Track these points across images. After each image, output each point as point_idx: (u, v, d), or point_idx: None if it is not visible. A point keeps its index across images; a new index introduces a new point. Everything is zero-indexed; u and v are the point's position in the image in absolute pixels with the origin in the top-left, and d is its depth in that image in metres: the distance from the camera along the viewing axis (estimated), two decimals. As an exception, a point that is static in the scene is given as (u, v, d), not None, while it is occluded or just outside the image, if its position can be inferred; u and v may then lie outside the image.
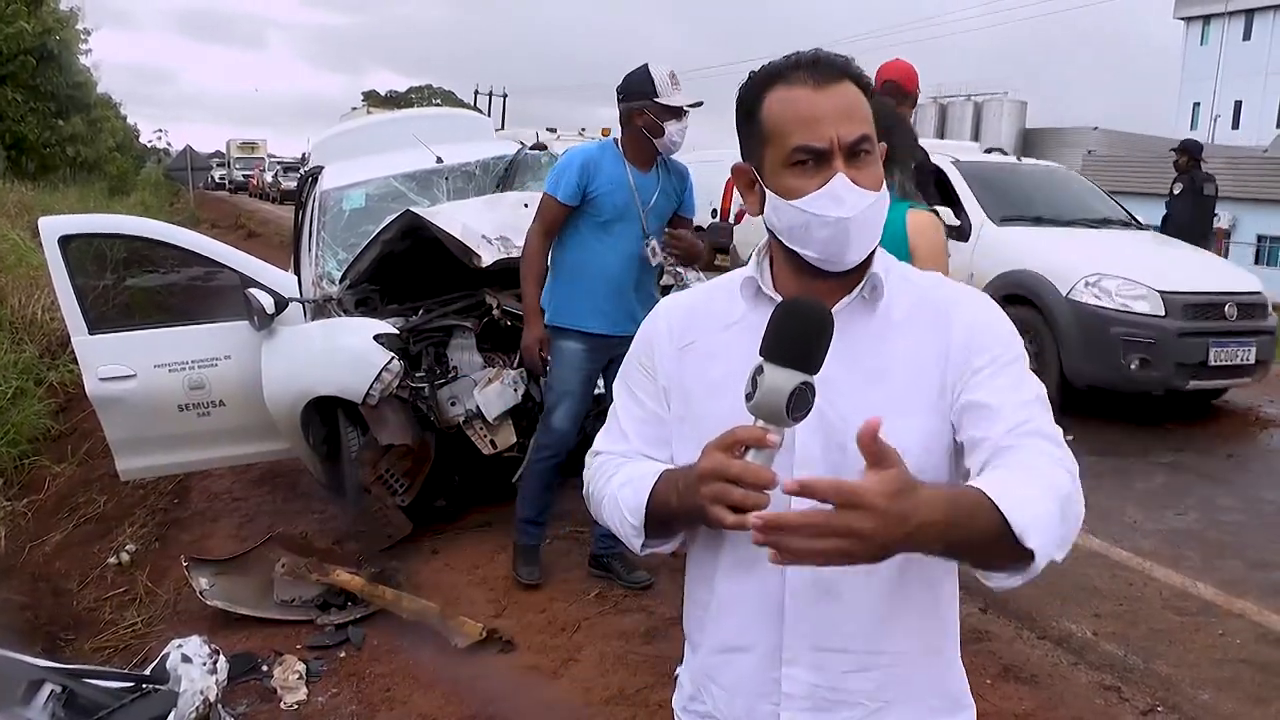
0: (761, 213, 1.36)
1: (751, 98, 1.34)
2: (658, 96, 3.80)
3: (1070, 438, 1.30)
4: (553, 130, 15.14)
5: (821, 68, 1.29)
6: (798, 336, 1.15)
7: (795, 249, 1.32)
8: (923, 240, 3.25)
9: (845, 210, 1.26)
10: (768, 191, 1.33)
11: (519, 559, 4.28)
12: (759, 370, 1.15)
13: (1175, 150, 9.95)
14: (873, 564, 1.10)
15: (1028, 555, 1.11)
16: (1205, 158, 10.03)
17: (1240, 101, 47.49)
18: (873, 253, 1.35)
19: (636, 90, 3.85)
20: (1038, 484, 1.16)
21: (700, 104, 3.93)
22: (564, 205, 3.89)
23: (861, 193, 1.27)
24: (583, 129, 15.56)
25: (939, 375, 1.31)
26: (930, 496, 1.07)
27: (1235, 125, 46.94)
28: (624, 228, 3.92)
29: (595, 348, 3.97)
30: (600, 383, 4.16)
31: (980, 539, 1.11)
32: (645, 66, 3.87)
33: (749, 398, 1.15)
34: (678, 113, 3.84)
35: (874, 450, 1.05)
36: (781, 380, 1.13)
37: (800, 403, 1.14)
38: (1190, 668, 3.53)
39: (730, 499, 1.15)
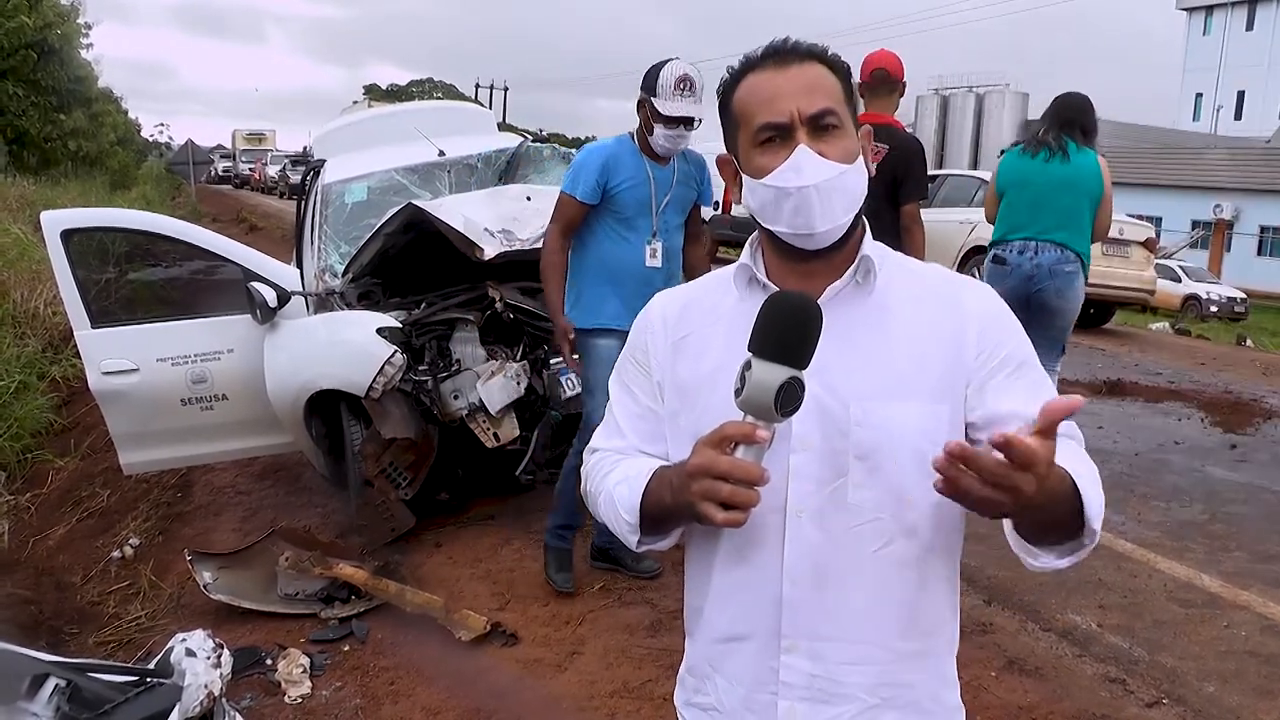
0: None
1: (727, 90, 1.37)
2: (655, 96, 3.67)
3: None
4: None
5: (785, 51, 1.33)
6: (785, 331, 1.15)
7: (770, 228, 1.33)
8: (1108, 181, 4.85)
9: (805, 179, 1.27)
10: (743, 175, 1.34)
11: (552, 563, 4.14)
12: (747, 366, 1.14)
13: None
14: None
15: (1079, 536, 1.19)
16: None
17: (1243, 92, 47.43)
18: (861, 236, 1.36)
19: (646, 83, 3.72)
20: (1094, 480, 1.20)
21: (696, 121, 3.75)
22: (583, 204, 3.79)
23: (824, 163, 1.27)
24: None
25: (948, 361, 1.32)
26: (1058, 472, 1.10)
27: (1238, 116, 46.90)
28: (647, 223, 3.85)
29: None
30: None
31: (1060, 514, 1.15)
32: (663, 63, 3.70)
33: (738, 393, 1.15)
34: (669, 120, 3.68)
35: (1052, 425, 1.04)
36: (769, 375, 1.12)
37: (789, 398, 1.13)
38: (1195, 660, 3.52)
39: (719, 495, 1.15)
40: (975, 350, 1.32)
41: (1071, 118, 4.91)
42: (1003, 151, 5.22)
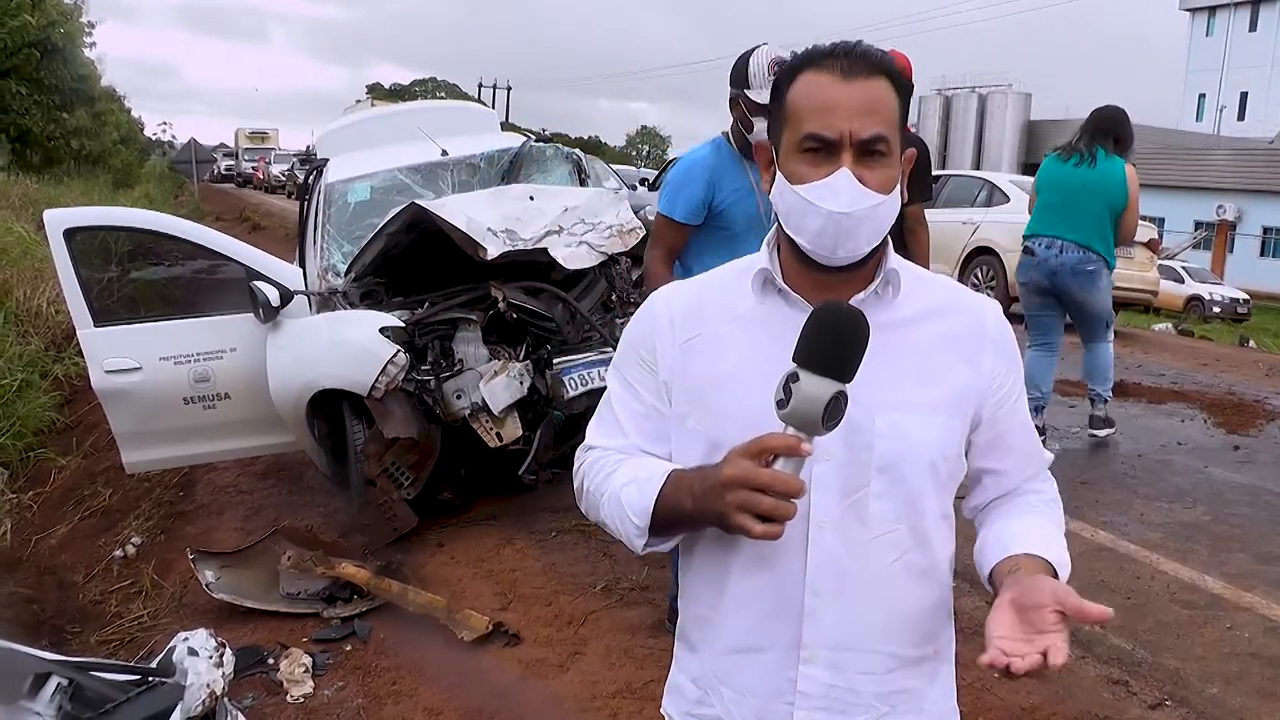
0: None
1: (785, 77, 1.32)
2: (749, 89, 3.19)
3: (1058, 448, 1.36)
4: None
5: (854, 59, 1.27)
6: (834, 343, 1.14)
7: (791, 235, 1.31)
8: (1134, 188, 5.32)
9: (840, 205, 1.24)
10: (778, 172, 1.32)
11: None
12: (793, 377, 1.12)
13: None
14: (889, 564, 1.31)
15: None
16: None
17: (1246, 93, 47.37)
18: (883, 250, 1.34)
19: (735, 77, 3.25)
20: (1061, 542, 1.39)
21: None
22: (685, 226, 3.34)
23: (862, 191, 1.24)
24: None
25: (966, 378, 1.34)
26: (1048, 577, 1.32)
27: (1241, 116, 46.84)
28: (758, 238, 3.42)
29: None
30: None
31: None
32: (752, 50, 3.25)
33: (781, 404, 1.13)
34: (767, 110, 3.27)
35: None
36: (818, 389, 1.11)
37: (834, 412, 1.12)
38: (1198, 661, 3.52)
39: (759, 508, 1.14)
40: (990, 372, 1.35)
41: (1105, 127, 5.44)
42: (1045, 154, 5.95)
